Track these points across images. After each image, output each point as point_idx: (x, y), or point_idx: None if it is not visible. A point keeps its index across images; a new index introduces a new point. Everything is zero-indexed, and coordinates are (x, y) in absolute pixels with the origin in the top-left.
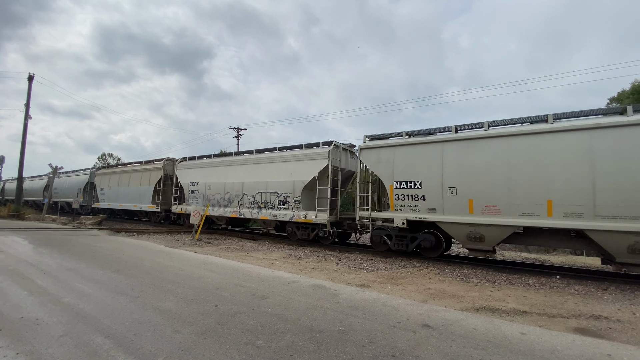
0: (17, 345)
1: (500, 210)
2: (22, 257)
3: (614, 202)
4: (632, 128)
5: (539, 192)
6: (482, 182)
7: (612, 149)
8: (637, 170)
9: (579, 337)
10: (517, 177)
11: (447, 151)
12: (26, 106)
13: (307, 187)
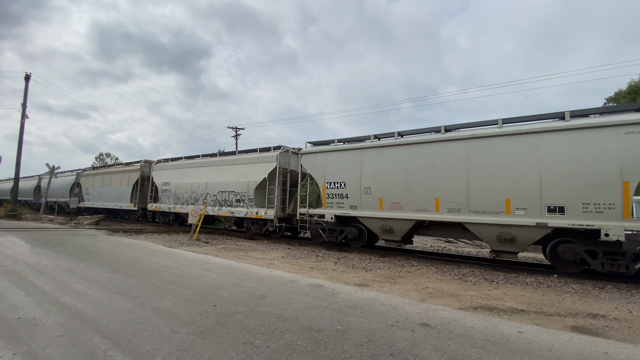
0: (14, 345)
1: (402, 207)
2: (19, 257)
3: (482, 200)
4: (495, 139)
5: (429, 192)
6: (389, 183)
7: (481, 156)
8: (495, 174)
9: (576, 335)
10: (414, 179)
11: (365, 157)
12: (23, 105)
13: (259, 187)
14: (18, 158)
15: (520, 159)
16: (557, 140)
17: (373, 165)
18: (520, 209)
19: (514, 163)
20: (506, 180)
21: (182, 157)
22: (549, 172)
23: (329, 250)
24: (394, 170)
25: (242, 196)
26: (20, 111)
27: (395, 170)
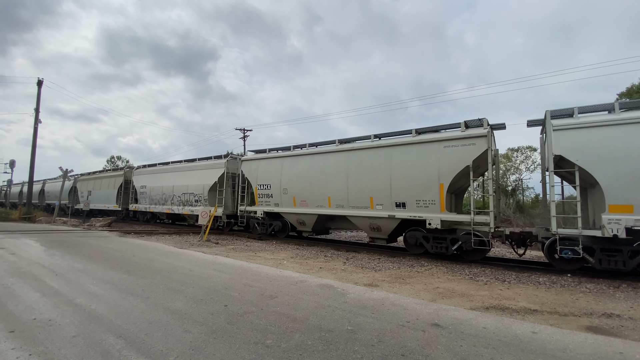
0: (30, 346)
1: (307, 204)
2: (34, 259)
3: (356, 198)
4: (365, 151)
5: (324, 192)
6: (299, 185)
7: (356, 164)
8: (364, 178)
9: (591, 335)
10: (315, 182)
11: (284, 164)
12: (36, 110)
13: (212, 189)
14: (32, 162)
15: (379, 166)
16: (401, 152)
17: (289, 171)
18: (379, 205)
19: (376, 169)
20: (371, 182)
21: (157, 164)
22: (396, 176)
23: (338, 251)
24: (302, 175)
25: (199, 197)
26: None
27: (303, 175)
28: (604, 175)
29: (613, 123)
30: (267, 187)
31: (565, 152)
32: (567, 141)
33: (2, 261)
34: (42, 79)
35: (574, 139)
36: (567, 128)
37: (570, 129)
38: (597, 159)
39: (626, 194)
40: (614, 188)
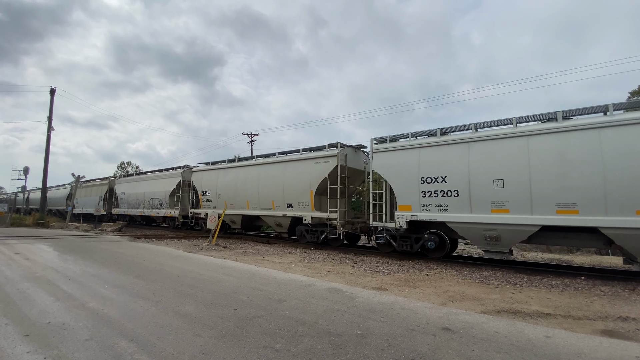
0: (45, 349)
1: (234, 206)
2: (47, 264)
3: (264, 201)
4: (269, 165)
5: (245, 197)
6: (228, 191)
7: (265, 175)
8: (269, 185)
9: (606, 339)
10: (239, 189)
11: (219, 175)
12: (49, 118)
13: (171, 194)
14: (45, 168)
15: (277, 177)
16: (290, 166)
17: (222, 180)
18: (278, 206)
19: (275, 179)
20: (273, 189)
21: (135, 174)
22: (287, 184)
23: (346, 254)
24: (230, 184)
25: (162, 201)
26: (47, 124)
27: (230, 184)
28: (395, 184)
29: (398, 148)
30: (208, 194)
31: (378, 168)
32: (380, 161)
33: (17, 266)
34: (55, 87)
35: (384, 160)
36: (380, 151)
37: (382, 152)
38: (392, 173)
39: (406, 197)
40: (400, 193)
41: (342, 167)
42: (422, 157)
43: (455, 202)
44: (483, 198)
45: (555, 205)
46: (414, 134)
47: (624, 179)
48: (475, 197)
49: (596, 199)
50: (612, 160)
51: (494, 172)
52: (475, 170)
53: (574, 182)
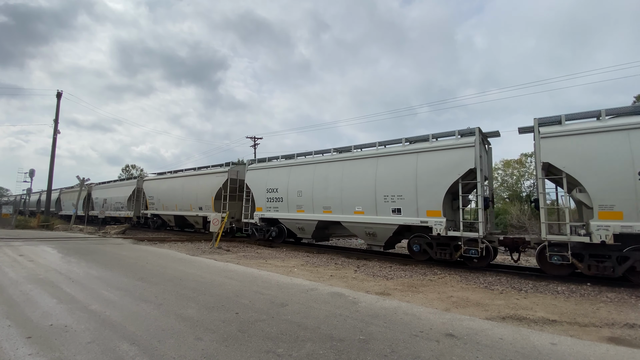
0: (47, 352)
1: (167, 208)
2: (51, 266)
3: (185, 203)
4: (189, 177)
5: (174, 201)
6: (166, 196)
7: (186, 184)
8: (190, 192)
9: (613, 346)
10: (169, 194)
11: (159, 183)
12: (55, 121)
13: (129, 199)
14: (50, 171)
15: (192, 186)
16: (200, 179)
17: (161, 186)
18: (193, 208)
19: (191, 188)
20: (191, 195)
21: (110, 181)
22: (198, 191)
23: (349, 258)
24: (167, 190)
25: (122, 205)
26: (53, 127)
27: (167, 190)
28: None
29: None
30: (150, 199)
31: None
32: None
33: (21, 268)
34: (62, 91)
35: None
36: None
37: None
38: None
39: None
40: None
41: (233, 179)
42: (270, 175)
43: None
44: (292, 203)
45: (322, 207)
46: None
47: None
48: (290, 202)
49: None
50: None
51: (298, 186)
52: (292, 184)
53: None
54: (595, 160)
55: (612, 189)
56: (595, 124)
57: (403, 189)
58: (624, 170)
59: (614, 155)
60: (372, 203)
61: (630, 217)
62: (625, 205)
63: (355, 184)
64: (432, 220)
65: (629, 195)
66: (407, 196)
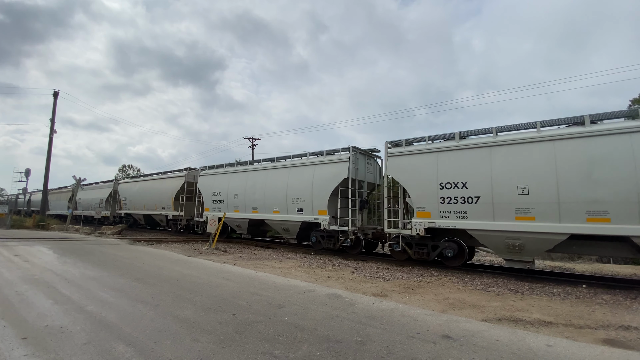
0: (42, 353)
1: (137, 207)
2: (47, 266)
3: (150, 204)
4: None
5: (142, 202)
6: (136, 197)
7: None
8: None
9: (608, 348)
10: (140, 196)
11: (129, 185)
12: (51, 121)
13: (107, 200)
14: (46, 171)
15: (154, 188)
16: (162, 182)
17: (133, 188)
18: (159, 207)
19: (156, 189)
20: (155, 196)
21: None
22: (161, 193)
23: (346, 260)
24: (138, 192)
25: (102, 204)
26: (49, 126)
27: (139, 192)
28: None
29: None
30: (125, 199)
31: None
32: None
33: (16, 268)
34: (58, 90)
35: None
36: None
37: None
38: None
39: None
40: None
41: (189, 182)
42: (216, 181)
43: (223, 206)
44: (230, 204)
45: (252, 208)
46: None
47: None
48: (229, 203)
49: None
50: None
51: (235, 190)
52: (230, 188)
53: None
54: (416, 174)
55: (424, 195)
56: (418, 147)
57: (304, 194)
58: (431, 181)
59: (426, 171)
60: (284, 204)
61: (435, 216)
62: (432, 207)
63: (274, 189)
64: (321, 217)
65: (434, 200)
66: (307, 199)
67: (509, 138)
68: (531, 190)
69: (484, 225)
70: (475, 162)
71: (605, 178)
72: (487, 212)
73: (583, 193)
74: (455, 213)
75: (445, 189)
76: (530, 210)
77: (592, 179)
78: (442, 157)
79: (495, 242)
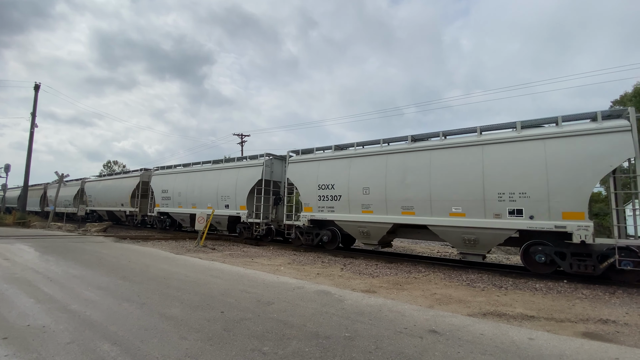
0: (24, 353)
1: (101, 204)
2: (28, 264)
3: (107, 202)
4: (112, 180)
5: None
6: (101, 195)
7: (111, 186)
8: (112, 192)
9: (587, 341)
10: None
11: (94, 184)
12: (32, 115)
13: (75, 197)
14: (27, 166)
15: (111, 187)
16: (122, 180)
17: (97, 187)
18: (118, 204)
19: (115, 188)
20: (115, 193)
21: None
22: (121, 191)
23: (335, 257)
24: (102, 190)
25: (70, 202)
26: (30, 120)
27: (102, 189)
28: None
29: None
30: (91, 197)
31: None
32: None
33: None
34: (40, 83)
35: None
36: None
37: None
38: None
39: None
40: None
41: (145, 182)
42: (164, 180)
43: (170, 202)
44: (175, 200)
45: (191, 204)
46: (167, 167)
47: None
48: (174, 200)
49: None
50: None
51: (178, 188)
52: (175, 187)
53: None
54: (304, 177)
55: (309, 194)
56: (307, 156)
57: (230, 192)
58: (313, 183)
59: (310, 175)
60: (216, 201)
61: (315, 210)
62: (313, 203)
63: (208, 188)
64: (242, 212)
65: (314, 198)
66: (232, 196)
67: (361, 152)
68: (371, 191)
69: (343, 217)
70: (340, 169)
71: (412, 183)
72: (345, 207)
73: (400, 194)
74: (327, 208)
75: (322, 189)
76: (370, 205)
77: (405, 183)
78: (321, 165)
79: (352, 229)
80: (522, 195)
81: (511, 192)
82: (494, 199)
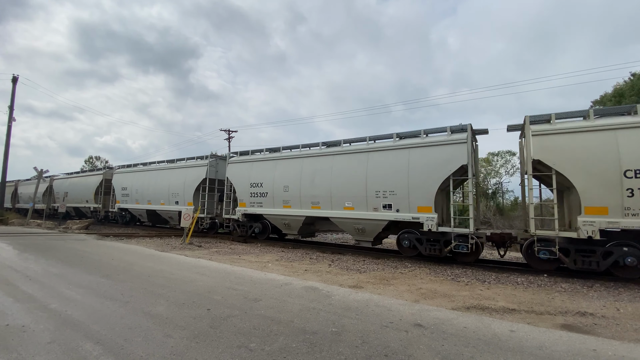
0: (3, 353)
1: (68, 201)
2: (6, 263)
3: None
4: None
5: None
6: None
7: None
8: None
9: (566, 333)
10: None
11: (69, 180)
12: (10, 108)
13: (44, 194)
14: (5, 162)
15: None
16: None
17: (64, 184)
18: (83, 201)
19: (81, 184)
20: (80, 190)
21: (29, 179)
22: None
23: (323, 253)
24: (69, 187)
25: (39, 199)
26: (7, 114)
27: (69, 186)
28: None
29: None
30: (58, 193)
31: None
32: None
33: None
34: (18, 75)
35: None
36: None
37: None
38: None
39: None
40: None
41: (107, 179)
42: (125, 178)
43: (129, 199)
44: (133, 197)
45: (149, 200)
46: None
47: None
48: (132, 196)
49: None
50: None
51: (136, 185)
52: (134, 184)
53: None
54: (239, 177)
55: (242, 191)
56: (241, 158)
57: (179, 189)
58: (246, 182)
59: (244, 175)
60: (167, 198)
61: (248, 205)
62: (246, 199)
63: (161, 186)
64: (184, 208)
65: (247, 194)
66: (180, 194)
67: (285, 155)
68: (290, 189)
69: (269, 211)
70: (268, 170)
71: (319, 182)
72: (271, 202)
73: (310, 191)
74: (257, 203)
75: (253, 187)
76: (289, 201)
77: (314, 182)
78: (253, 166)
79: (277, 221)
80: (392, 193)
81: (384, 191)
82: (373, 195)
